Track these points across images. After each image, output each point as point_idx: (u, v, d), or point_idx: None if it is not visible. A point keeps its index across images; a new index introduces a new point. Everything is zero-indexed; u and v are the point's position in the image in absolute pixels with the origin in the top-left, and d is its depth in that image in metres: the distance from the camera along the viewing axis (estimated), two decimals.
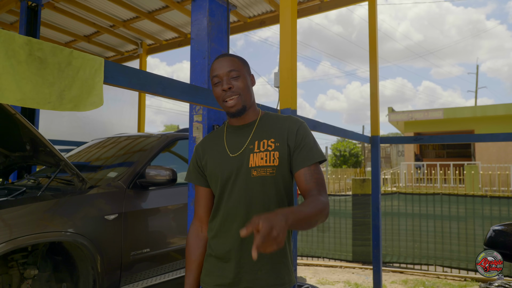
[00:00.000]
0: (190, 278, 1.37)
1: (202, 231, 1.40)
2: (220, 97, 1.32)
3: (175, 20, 4.70)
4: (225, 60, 1.33)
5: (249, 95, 1.34)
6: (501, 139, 3.04)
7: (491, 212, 4.92)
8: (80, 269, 2.27)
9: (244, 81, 1.32)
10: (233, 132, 1.37)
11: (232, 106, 1.30)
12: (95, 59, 1.14)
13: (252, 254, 0.90)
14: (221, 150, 1.35)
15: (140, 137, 3.23)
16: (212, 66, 1.35)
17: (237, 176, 1.29)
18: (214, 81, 1.33)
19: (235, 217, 1.29)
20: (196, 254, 1.38)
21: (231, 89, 1.30)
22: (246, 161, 1.29)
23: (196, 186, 1.41)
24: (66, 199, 2.27)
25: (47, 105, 1.06)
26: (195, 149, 1.42)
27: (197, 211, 1.40)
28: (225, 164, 1.31)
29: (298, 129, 1.32)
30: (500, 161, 15.13)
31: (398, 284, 4.47)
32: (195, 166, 1.40)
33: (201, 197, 1.40)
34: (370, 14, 3.64)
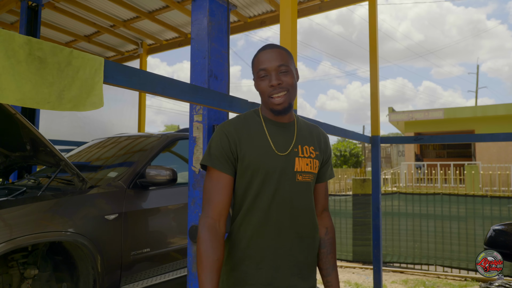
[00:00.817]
0: (214, 281, 1.12)
1: (220, 226, 1.19)
2: (266, 92, 1.24)
3: (176, 20, 4.70)
4: (274, 53, 1.25)
5: (295, 92, 1.29)
6: (501, 139, 3.03)
7: (491, 212, 4.92)
8: (80, 269, 2.27)
9: (292, 77, 1.26)
10: (274, 128, 1.28)
11: (279, 104, 1.23)
12: (95, 58, 1.13)
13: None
14: (264, 144, 1.24)
15: (140, 137, 3.23)
16: (259, 58, 1.26)
17: (281, 177, 1.22)
18: (260, 75, 1.25)
19: (275, 220, 1.21)
20: (218, 253, 1.15)
21: (280, 85, 1.23)
22: (292, 163, 1.24)
23: (218, 173, 1.21)
24: (67, 199, 2.27)
25: (47, 105, 1.06)
26: (225, 132, 1.24)
27: (216, 202, 1.19)
28: (271, 161, 1.22)
29: (328, 144, 1.38)
30: (501, 161, 15.12)
31: (398, 284, 4.47)
32: (225, 150, 1.22)
33: (225, 186, 1.21)
34: (370, 14, 3.64)
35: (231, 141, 1.23)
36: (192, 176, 2.26)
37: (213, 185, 1.21)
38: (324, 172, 1.36)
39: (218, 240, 1.16)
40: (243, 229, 1.23)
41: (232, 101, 1.76)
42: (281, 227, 1.22)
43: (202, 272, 1.12)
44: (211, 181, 1.22)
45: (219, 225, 1.18)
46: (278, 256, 1.22)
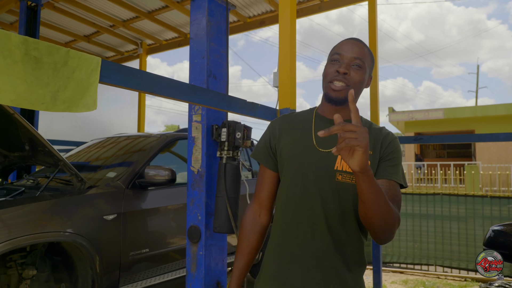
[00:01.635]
0: (241, 262, 1.24)
1: (260, 216, 1.26)
2: (328, 75, 1.17)
3: (175, 20, 4.70)
4: (357, 46, 1.19)
5: (358, 92, 1.19)
6: (502, 139, 3.03)
7: (491, 212, 4.91)
8: (78, 270, 2.26)
9: (362, 76, 1.17)
10: (323, 125, 1.21)
11: (337, 90, 1.15)
12: (92, 58, 1.13)
13: (333, 151, 0.87)
14: (306, 139, 1.19)
15: (139, 137, 3.23)
16: (341, 44, 1.21)
17: (319, 175, 1.15)
18: (333, 58, 1.18)
19: (308, 220, 1.15)
20: (251, 239, 1.24)
21: (346, 76, 1.15)
22: (333, 161, 1.15)
23: (262, 167, 1.27)
24: (65, 199, 2.26)
25: (41, 106, 1.05)
26: (271, 126, 1.27)
27: (259, 194, 1.26)
28: (307, 155, 1.17)
29: (391, 141, 1.24)
30: (501, 161, 15.10)
31: (398, 284, 4.46)
32: (266, 145, 1.25)
33: (266, 180, 1.25)
34: (370, 14, 3.63)
35: (271, 136, 1.25)
36: (191, 176, 2.25)
37: (259, 178, 1.29)
38: (382, 168, 1.18)
39: (254, 229, 1.26)
40: (276, 226, 1.21)
41: (231, 101, 1.75)
42: (315, 229, 1.14)
43: (235, 257, 1.27)
44: (259, 173, 1.30)
45: (259, 215, 1.27)
46: (310, 258, 1.13)
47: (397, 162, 1.23)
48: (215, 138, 2.20)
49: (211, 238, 2.20)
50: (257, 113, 1.95)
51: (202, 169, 2.21)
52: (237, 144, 2.16)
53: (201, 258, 2.17)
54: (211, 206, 2.21)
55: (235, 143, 2.16)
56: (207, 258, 2.17)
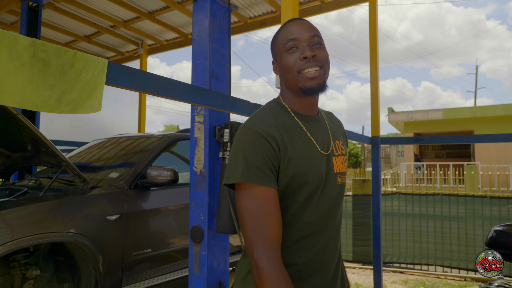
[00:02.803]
0: None
1: (280, 255, 0.95)
2: (294, 67, 1.02)
3: (176, 20, 4.71)
4: (305, 23, 1.06)
5: (328, 73, 1.06)
6: (501, 139, 3.04)
7: (491, 212, 4.93)
8: (82, 270, 2.27)
9: (326, 51, 1.06)
10: (309, 124, 1.07)
11: (313, 78, 1.00)
12: (99, 60, 1.14)
13: None
14: (309, 145, 1.03)
15: (141, 138, 3.24)
16: (286, 29, 1.06)
17: (326, 182, 1.04)
18: (288, 46, 1.03)
19: (318, 231, 1.04)
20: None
21: (315, 58, 1.01)
22: (332, 164, 1.06)
23: (264, 189, 0.95)
24: (68, 199, 2.27)
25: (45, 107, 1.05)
26: (263, 135, 0.97)
27: (272, 226, 0.94)
28: (316, 165, 1.02)
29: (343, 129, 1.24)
30: (500, 162, 15.14)
31: (398, 284, 4.47)
32: (268, 159, 0.96)
33: (275, 203, 0.96)
34: (371, 14, 3.65)
35: (273, 146, 0.97)
36: (193, 176, 2.26)
37: (260, 207, 0.94)
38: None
39: (287, 275, 0.93)
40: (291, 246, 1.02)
41: (233, 102, 1.76)
42: (327, 239, 1.05)
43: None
44: (255, 201, 0.94)
45: (279, 253, 0.95)
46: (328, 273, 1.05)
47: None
48: (218, 139, 2.21)
49: (213, 238, 2.21)
50: None
51: (204, 169, 2.22)
52: None
53: (203, 258, 2.18)
54: (214, 207, 2.22)
55: None
56: (209, 258, 2.18)
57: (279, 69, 1.09)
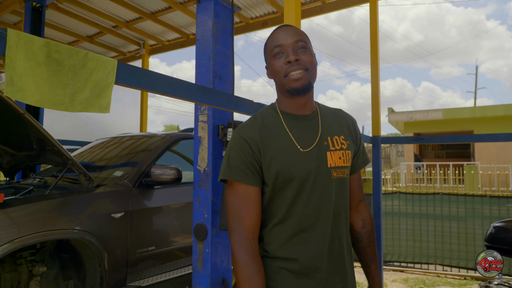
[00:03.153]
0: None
1: (255, 244, 1.09)
2: (281, 71, 1.11)
3: (178, 21, 4.74)
4: (290, 30, 1.14)
5: (315, 74, 1.14)
6: (501, 139, 3.08)
7: (490, 211, 4.97)
8: (87, 267, 2.30)
9: (310, 55, 1.13)
10: (295, 124, 1.14)
11: (297, 79, 1.08)
12: (109, 61, 1.17)
13: None
14: (287, 143, 1.11)
15: (144, 137, 3.27)
16: (273, 36, 1.15)
17: (316, 177, 1.09)
18: (275, 52, 1.12)
19: (313, 224, 1.09)
20: (263, 275, 1.07)
21: (298, 62, 1.09)
22: (324, 159, 1.11)
23: (244, 187, 1.09)
24: (74, 197, 2.30)
25: (61, 106, 1.09)
26: (245, 138, 1.11)
27: (247, 219, 1.08)
28: (300, 161, 1.09)
29: (357, 127, 1.26)
30: (499, 162, 15.17)
31: (399, 283, 4.51)
32: (248, 160, 1.08)
33: (254, 200, 1.09)
34: (372, 15, 3.68)
35: (253, 148, 1.09)
36: (197, 175, 2.30)
37: (240, 201, 1.09)
38: (356, 161, 1.23)
39: (258, 261, 1.07)
40: (278, 240, 1.11)
41: (238, 101, 1.80)
42: (324, 233, 1.10)
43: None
44: (237, 196, 1.09)
45: (254, 243, 1.09)
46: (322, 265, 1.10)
47: (363, 147, 1.28)
48: (221, 138, 2.25)
49: (217, 236, 2.25)
50: None
51: (208, 168, 2.25)
52: None
53: (207, 255, 2.21)
54: (217, 205, 2.25)
55: None
56: (213, 256, 2.22)
57: (271, 73, 1.18)
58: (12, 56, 0.97)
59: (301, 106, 1.16)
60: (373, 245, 1.29)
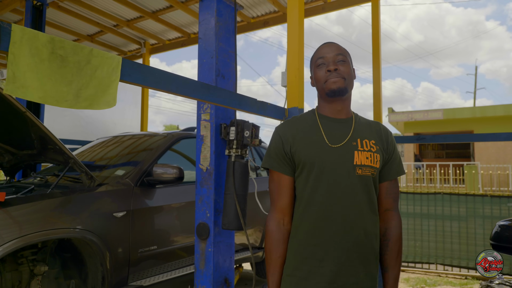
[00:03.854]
0: (277, 275, 1.27)
1: (284, 224, 1.29)
2: (322, 78, 1.29)
3: (179, 20, 4.73)
4: (333, 45, 1.34)
5: (351, 84, 1.32)
6: (503, 138, 3.07)
7: (491, 211, 4.96)
8: (89, 266, 2.29)
9: (348, 67, 1.31)
10: (329, 124, 1.31)
11: (335, 82, 1.27)
12: (113, 57, 1.16)
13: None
14: (317, 139, 1.27)
15: (145, 136, 3.26)
16: (318, 50, 1.35)
17: (339, 170, 1.23)
18: (318, 63, 1.32)
19: (333, 214, 1.22)
20: (282, 249, 1.27)
21: (337, 71, 1.28)
22: (350, 157, 1.24)
23: (277, 174, 1.30)
24: (75, 196, 2.29)
25: (65, 103, 1.08)
26: (279, 133, 1.32)
27: (279, 201, 1.29)
28: (325, 154, 1.24)
29: (392, 139, 1.37)
30: (499, 162, 15.18)
31: (400, 283, 4.50)
32: (280, 152, 1.29)
33: (285, 186, 1.29)
34: (373, 14, 3.67)
35: (284, 142, 1.29)
36: (199, 174, 2.29)
37: (274, 186, 1.31)
38: (387, 169, 1.34)
39: (282, 236, 1.28)
40: (304, 226, 1.25)
41: (241, 99, 1.79)
42: (345, 222, 1.21)
43: (269, 266, 1.28)
44: (273, 182, 1.32)
45: (283, 222, 1.29)
46: (343, 252, 1.21)
47: (398, 158, 1.39)
48: (224, 137, 2.24)
49: (219, 235, 2.24)
50: (267, 112, 1.98)
51: (210, 167, 2.24)
52: (246, 143, 2.19)
53: (209, 254, 2.20)
54: (220, 204, 2.24)
55: (243, 142, 2.19)
56: (215, 255, 2.21)
57: (314, 82, 1.36)
58: (16, 52, 0.96)
59: (338, 111, 1.32)
60: (391, 255, 1.31)
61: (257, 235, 3.49)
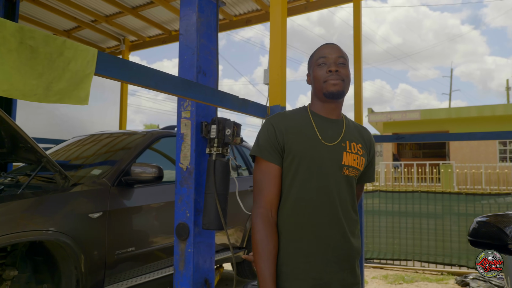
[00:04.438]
0: (271, 269, 1.19)
1: (272, 216, 1.25)
2: (321, 77, 1.30)
3: (160, 16, 4.64)
4: (335, 47, 1.36)
5: (348, 87, 1.34)
6: (479, 137, 3.15)
7: (466, 209, 5.11)
8: (62, 269, 2.20)
9: (348, 70, 1.34)
10: (321, 122, 1.32)
11: (335, 85, 1.28)
12: (88, 50, 1.10)
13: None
14: (311, 134, 1.28)
15: (123, 134, 3.17)
16: (320, 49, 1.36)
17: (328, 168, 1.25)
18: (319, 62, 1.32)
19: (320, 211, 1.23)
20: (275, 241, 1.22)
21: (338, 73, 1.30)
22: (340, 156, 1.27)
23: (267, 164, 1.26)
24: (48, 197, 2.20)
25: (33, 97, 1.02)
26: (272, 123, 1.30)
27: (267, 192, 1.25)
28: (318, 150, 1.26)
29: (373, 148, 1.42)
30: (473, 161, 15.70)
31: (379, 280, 4.56)
32: (272, 141, 1.27)
33: (274, 176, 1.25)
34: (355, 15, 3.70)
35: (277, 132, 1.28)
36: (179, 173, 2.23)
37: (263, 176, 1.27)
38: (366, 173, 1.40)
39: (272, 228, 1.23)
40: (292, 220, 1.24)
41: (223, 97, 1.75)
42: (331, 219, 1.23)
43: (261, 261, 1.20)
44: (261, 171, 1.28)
45: (271, 214, 1.25)
46: (328, 249, 1.22)
47: (374, 165, 1.45)
48: (205, 135, 2.19)
49: (199, 235, 2.19)
50: (248, 109, 1.95)
51: (191, 166, 2.19)
52: (227, 141, 2.15)
53: (189, 255, 2.15)
54: (200, 203, 2.19)
55: (224, 140, 2.15)
56: (195, 256, 2.16)
57: (311, 80, 1.37)
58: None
59: (331, 110, 1.34)
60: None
61: (238, 235, 3.46)
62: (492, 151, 16.41)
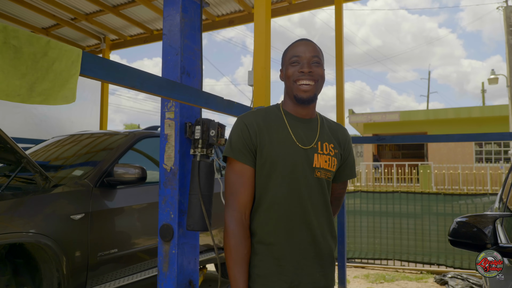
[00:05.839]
0: (245, 274, 1.18)
1: (245, 219, 1.22)
2: (293, 76, 1.25)
3: (141, 15, 4.59)
4: (310, 45, 1.29)
5: (321, 87, 1.30)
6: (456, 139, 3.26)
7: (444, 208, 5.26)
8: (43, 272, 2.16)
9: (322, 70, 1.29)
10: (295, 123, 1.28)
11: (305, 91, 1.24)
12: (73, 50, 1.09)
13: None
14: (285, 137, 1.25)
15: (105, 135, 3.12)
16: (294, 47, 1.30)
17: (301, 171, 1.22)
18: (292, 61, 1.27)
19: (292, 214, 1.21)
20: (248, 244, 1.20)
21: (311, 74, 1.24)
22: (311, 159, 1.24)
23: (241, 165, 1.22)
24: (28, 198, 2.15)
25: (16, 97, 1.00)
26: (245, 123, 1.25)
27: (241, 195, 1.21)
28: (293, 154, 1.22)
29: (349, 145, 1.38)
30: (450, 162, 16.17)
31: (360, 279, 4.65)
32: (246, 142, 1.22)
33: (248, 178, 1.22)
34: (337, 17, 3.76)
35: (251, 132, 1.23)
36: (163, 174, 2.22)
37: (236, 178, 1.22)
38: (342, 171, 1.37)
39: (246, 233, 1.21)
40: (264, 224, 1.22)
41: (208, 98, 1.76)
42: (302, 223, 1.21)
43: (234, 265, 1.18)
44: (234, 173, 1.23)
45: (245, 217, 1.22)
46: (299, 252, 1.21)
47: (353, 162, 1.42)
48: (189, 136, 2.19)
49: (183, 237, 2.18)
50: (233, 110, 1.96)
51: (175, 166, 2.19)
52: (211, 142, 2.15)
53: (173, 257, 2.14)
54: (184, 204, 2.19)
55: (209, 141, 2.15)
56: (179, 257, 2.15)
57: (283, 77, 1.32)
58: None
59: (304, 110, 1.30)
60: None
61: (222, 236, 3.46)
62: (468, 152, 16.95)
